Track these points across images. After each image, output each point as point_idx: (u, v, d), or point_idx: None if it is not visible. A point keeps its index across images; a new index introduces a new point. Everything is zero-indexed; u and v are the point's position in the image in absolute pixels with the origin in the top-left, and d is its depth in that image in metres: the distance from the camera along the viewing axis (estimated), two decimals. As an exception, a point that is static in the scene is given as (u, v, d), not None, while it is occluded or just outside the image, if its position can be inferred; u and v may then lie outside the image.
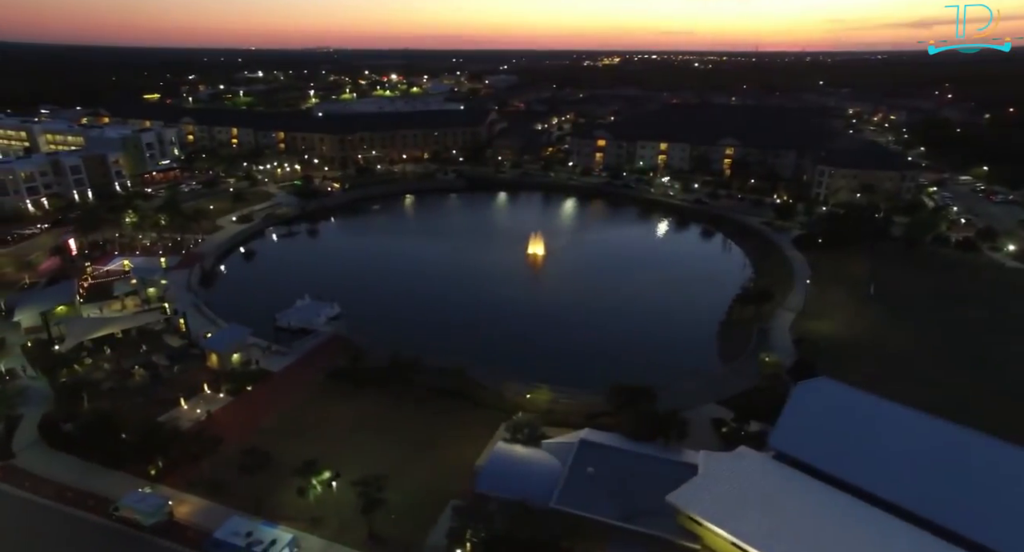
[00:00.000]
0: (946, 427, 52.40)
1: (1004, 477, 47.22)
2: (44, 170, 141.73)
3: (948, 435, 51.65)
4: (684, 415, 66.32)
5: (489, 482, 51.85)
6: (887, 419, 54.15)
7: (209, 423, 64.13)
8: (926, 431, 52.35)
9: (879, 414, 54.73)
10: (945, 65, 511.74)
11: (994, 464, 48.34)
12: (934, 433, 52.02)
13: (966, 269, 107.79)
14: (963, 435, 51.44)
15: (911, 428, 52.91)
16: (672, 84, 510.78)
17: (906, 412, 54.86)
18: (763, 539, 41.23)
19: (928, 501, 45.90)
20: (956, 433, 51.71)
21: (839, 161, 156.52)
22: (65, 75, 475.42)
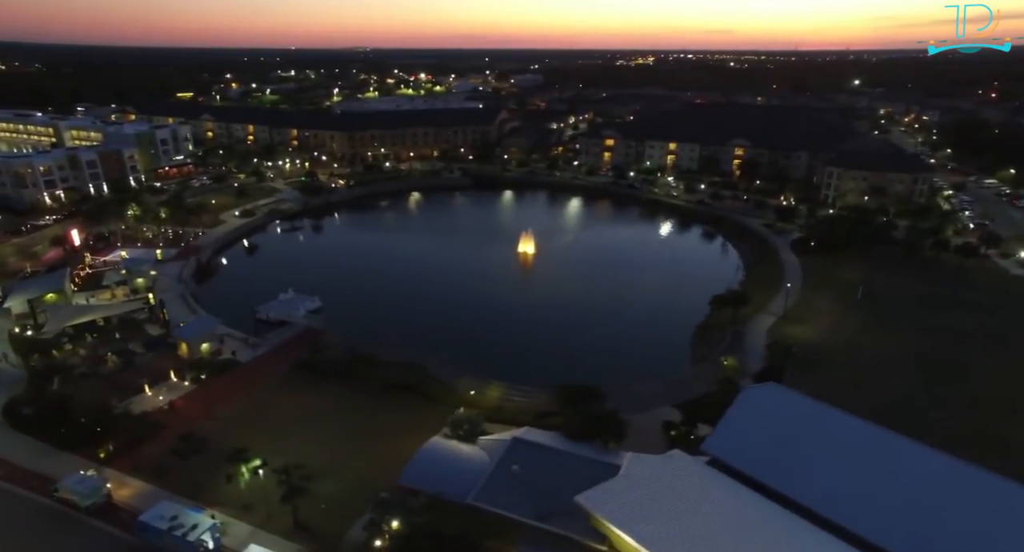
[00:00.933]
0: (887, 438, 50.67)
1: (937, 491, 45.40)
2: (61, 164, 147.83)
3: (887, 445, 49.96)
4: (633, 417, 65.95)
5: (413, 476, 52.23)
6: (828, 428, 52.60)
7: (165, 410, 66.04)
8: (865, 441, 50.71)
9: (820, 422, 53.19)
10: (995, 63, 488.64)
11: (928, 477, 46.57)
12: (873, 443, 50.36)
13: (966, 276, 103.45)
14: (903, 446, 49.68)
15: (850, 438, 51.30)
16: (699, 84, 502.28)
17: (850, 421, 53.14)
18: (662, 543, 40.49)
19: (854, 512, 44.45)
20: (895, 444, 49.97)
21: (848, 162, 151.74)
22: (108, 75, 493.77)
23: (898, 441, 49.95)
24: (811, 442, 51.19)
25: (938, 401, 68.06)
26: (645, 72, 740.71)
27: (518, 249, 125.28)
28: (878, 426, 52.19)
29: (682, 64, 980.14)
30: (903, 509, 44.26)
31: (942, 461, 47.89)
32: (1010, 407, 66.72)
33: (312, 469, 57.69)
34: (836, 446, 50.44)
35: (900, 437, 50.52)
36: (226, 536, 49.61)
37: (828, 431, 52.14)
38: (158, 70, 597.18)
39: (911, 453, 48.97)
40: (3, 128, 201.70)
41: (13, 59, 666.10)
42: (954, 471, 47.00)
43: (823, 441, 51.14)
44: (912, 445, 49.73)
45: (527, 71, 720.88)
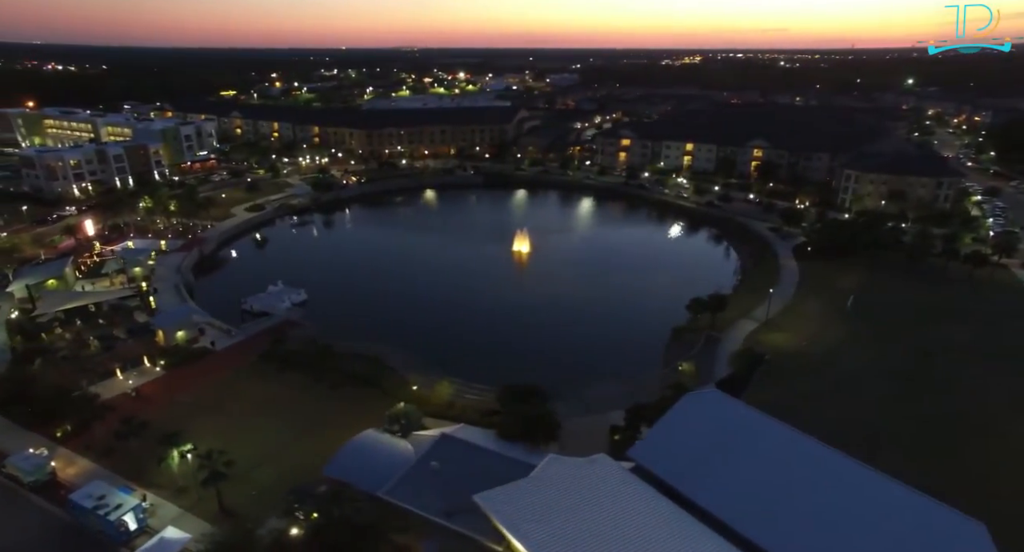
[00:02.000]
0: (817, 452, 48.59)
1: (852, 508, 43.23)
2: (90, 158, 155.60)
3: (814, 460, 47.91)
4: (584, 419, 65.54)
5: (337, 467, 52.90)
6: (758, 438, 50.75)
7: (130, 394, 68.81)
8: (792, 454, 48.77)
9: (752, 432, 51.35)
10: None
11: (847, 493, 44.41)
12: (800, 457, 48.39)
13: (973, 286, 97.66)
14: (830, 461, 47.56)
15: (778, 450, 49.38)
16: (739, 84, 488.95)
17: (784, 432, 51.24)
18: (545, 545, 39.81)
19: (762, 526, 42.74)
20: (822, 458, 47.89)
21: (865, 165, 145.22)
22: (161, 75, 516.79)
23: (827, 456, 48.04)
24: (737, 452, 49.47)
25: (906, 417, 64.54)
26: (688, 72, 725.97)
27: (513, 248, 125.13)
28: (811, 439, 50.15)
29: (729, 64, 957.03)
30: (813, 525, 42.45)
31: (865, 477, 45.80)
32: (981, 426, 62.71)
33: (253, 456, 59.91)
34: (761, 458, 48.65)
35: (831, 451, 48.54)
36: (154, 517, 51.43)
37: (757, 442, 50.32)
38: (209, 70, 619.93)
39: (836, 468, 46.99)
40: (51, 124, 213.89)
41: (82, 62, 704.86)
42: (875, 487, 44.87)
43: (749, 452, 49.37)
44: (840, 460, 47.80)
45: (566, 71, 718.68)
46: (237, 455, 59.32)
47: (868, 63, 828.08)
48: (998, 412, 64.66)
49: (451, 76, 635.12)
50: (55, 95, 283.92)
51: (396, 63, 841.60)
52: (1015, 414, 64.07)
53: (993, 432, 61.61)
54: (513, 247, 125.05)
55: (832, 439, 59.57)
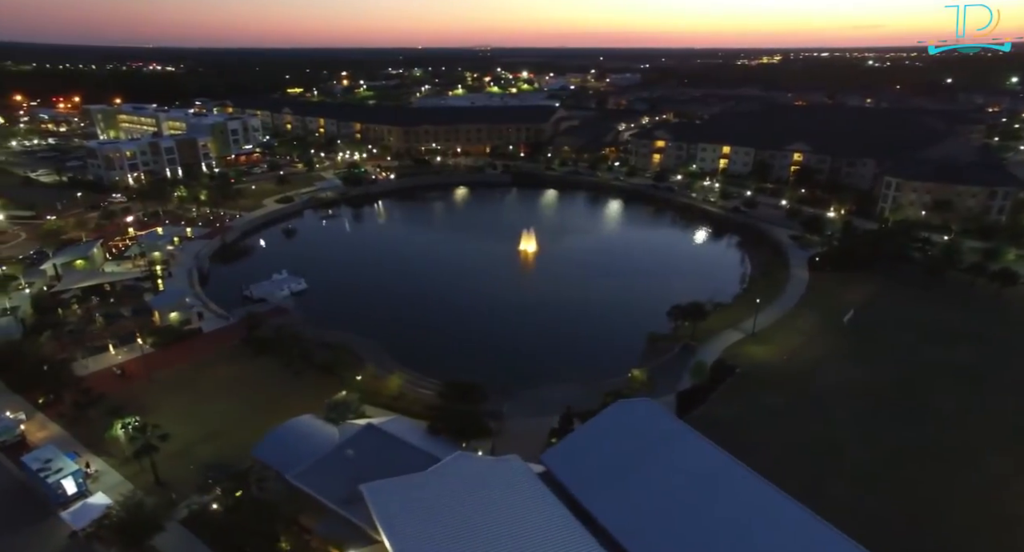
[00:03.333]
0: (731, 471, 46.46)
1: (748, 533, 41.01)
2: (144, 150, 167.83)
3: (726, 479, 45.82)
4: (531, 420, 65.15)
5: (263, 448, 55.07)
6: (674, 452, 49.13)
7: (114, 368, 74.13)
8: (704, 472, 46.86)
9: (670, 448, 49.77)
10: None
11: (751, 517, 42.23)
12: (711, 475, 46.35)
13: (995, 306, 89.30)
14: (742, 482, 45.31)
15: (691, 466, 47.56)
16: (810, 84, 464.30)
17: (704, 448, 49.33)
18: (409, 541, 40.07)
19: (652, 545, 41.40)
20: (735, 478, 45.67)
21: (909, 172, 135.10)
22: (236, 74, 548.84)
23: (735, 475, 45.96)
24: (645, 466, 48.03)
25: (871, 441, 60.23)
26: (759, 72, 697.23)
27: (519, 247, 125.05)
28: (726, 456, 48.26)
29: (811, 63, 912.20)
30: (697, 546, 40.59)
31: (768, 499, 43.38)
32: (949, 458, 57.59)
33: (202, 432, 63.50)
34: (666, 473, 47.04)
35: (742, 471, 46.35)
36: (96, 483, 55.46)
37: (669, 456, 48.72)
38: (285, 68, 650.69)
39: (739, 489, 44.85)
40: (124, 119, 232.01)
41: (178, 62, 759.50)
42: (773, 511, 42.46)
43: (657, 466, 47.85)
44: (748, 481, 45.48)
45: (633, 70, 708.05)
46: (188, 431, 63.49)
47: (968, 60, 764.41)
48: (975, 445, 59.19)
49: (512, 75, 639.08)
50: (144, 93, 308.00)
51: (464, 62, 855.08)
52: (992, 449, 58.45)
53: (961, 466, 56.50)
54: (519, 246, 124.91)
55: (784, 458, 57.29)
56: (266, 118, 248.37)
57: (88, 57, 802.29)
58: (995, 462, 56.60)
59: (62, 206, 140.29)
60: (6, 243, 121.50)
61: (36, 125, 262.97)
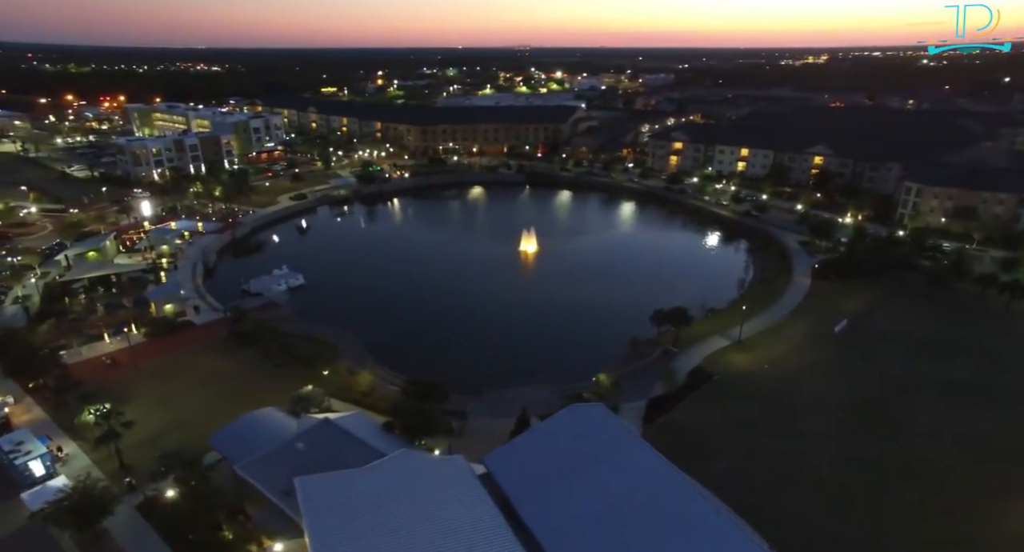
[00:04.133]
0: (671, 482, 45.42)
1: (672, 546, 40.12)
2: (169, 147, 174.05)
3: (663, 491, 44.78)
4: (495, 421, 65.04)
5: (220, 438, 56.50)
6: (616, 460, 48.18)
7: (104, 357, 77.18)
8: (641, 483, 45.94)
9: (613, 456, 48.74)
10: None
11: (678, 532, 41.24)
12: (650, 486, 45.33)
13: (1002, 319, 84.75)
14: (679, 495, 44.26)
15: (629, 477, 46.60)
16: (852, 85, 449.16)
17: (648, 458, 48.30)
18: (322, 538, 40.54)
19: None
20: (673, 490, 44.66)
21: (931, 177, 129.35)
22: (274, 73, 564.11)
23: (674, 487, 44.90)
24: (584, 472, 47.34)
25: (837, 457, 58.07)
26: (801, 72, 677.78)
27: (519, 248, 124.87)
28: (670, 467, 47.10)
29: (860, 62, 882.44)
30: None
31: (699, 513, 42.23)
32: (920, 474, 55.04)
33: (173, 421, 65.54)
34: (604, 481, 46.23)
35: (683, 484, 45.37)
36: (65, 466, 57.87)
37: (611, 464, 47.83)
38: (321, 68, 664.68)
39: (677, 501, 43.70)
40: (158, 117, 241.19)
41: (216, 62, 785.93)
42: (705, 527, 41.31)
43: (596, 473, 47.05)
44: (687, 494, 44.38)
45: (671, 70, 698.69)
46: (161, 418, 65.70)
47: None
48: (951, 463, 56.43)
49: (546, 75, 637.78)
50: (185, 92, 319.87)
51: (501, 62, 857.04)
52: (963, 468, 55.57)
53: (929, 484, 53.91)
54: (519, 247, 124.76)
55: (744, 469, 55.85)
56: (292, 117, 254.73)
57: (145, 59, 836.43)
58: (964, 482, 53.80)
59: (88, 200, 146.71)
60: (33, 234, 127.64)
61: (81, 123, 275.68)
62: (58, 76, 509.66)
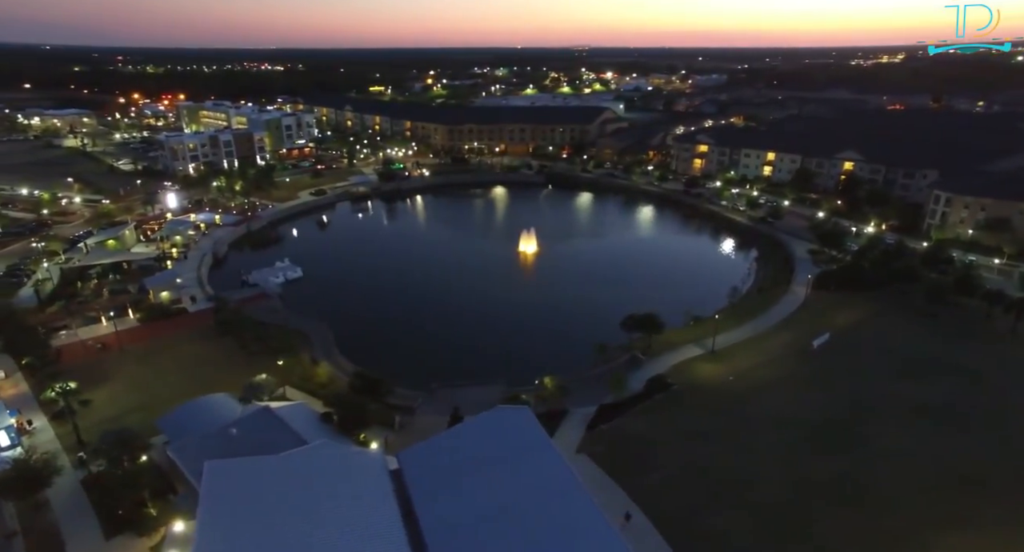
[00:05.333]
0: (566, 490, 44.76)
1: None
2: (204, 143, 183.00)
3: (556, 498, 44.15)
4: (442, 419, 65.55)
5: (167, 420, 59.42)
6: (520, 466, 47.92)
7: (96, 338, 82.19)
8: (536, 489, 45.52)
9: (521, 460, 48.58)
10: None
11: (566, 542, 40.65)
12: (544, 493, 45.01)
13: (1005, 340, 78.45)
14: (571, 501, 43.56)
15: (529, 482, 46.32)
16: (918, 85, 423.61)
17: (553, 465, 47.72)
18: (209, 522, 41.90)
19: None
20: (567, 498, 43.96)
21: (962, 185, 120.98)
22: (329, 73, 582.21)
23: (570, 494, 44.27)
24: (486, 474, 47.32)
25: (779, 475, 55.42)
26: (873, 72, 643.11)
27: (519, 248, 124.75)
28: (572, 475, 46.60)
29: (940, 61, 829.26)
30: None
31: (591, 523, 41.62)
32: (855, 499, 51.93)
33: (140, 402, 69.10)
34: (503, 484, 46.09)
35: (579, 493, 44.47)
36: (31, 438, 62.08)
37: (515, 467, 47.69)
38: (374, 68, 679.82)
39: (566, 509, 43.16)
40: (204, 114, 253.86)
41: (280, 62, 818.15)
42: (589, 536, 40.51)
43: (498, 476, 46.98)
44: (580, 503, 43.59)
45: (729, 71, 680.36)
46: (130, 399, 69.50)
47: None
48: (901, 489, 52.90)
49: (596, 75, 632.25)
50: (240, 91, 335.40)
51: (555, 62, 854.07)
52: (917, 494, 52.10)
53: (876, 508, 50.83)
54: (519, 247, 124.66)
55: (676, 482, 54.36)
56: (330, 115, 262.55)
57: (217, 60, 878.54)
58: (908, 509, 50.39)
59: (124, 192, 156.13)
60: (70, 222, 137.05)
61: (140, 120, 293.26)
62: (135, 77, 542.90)
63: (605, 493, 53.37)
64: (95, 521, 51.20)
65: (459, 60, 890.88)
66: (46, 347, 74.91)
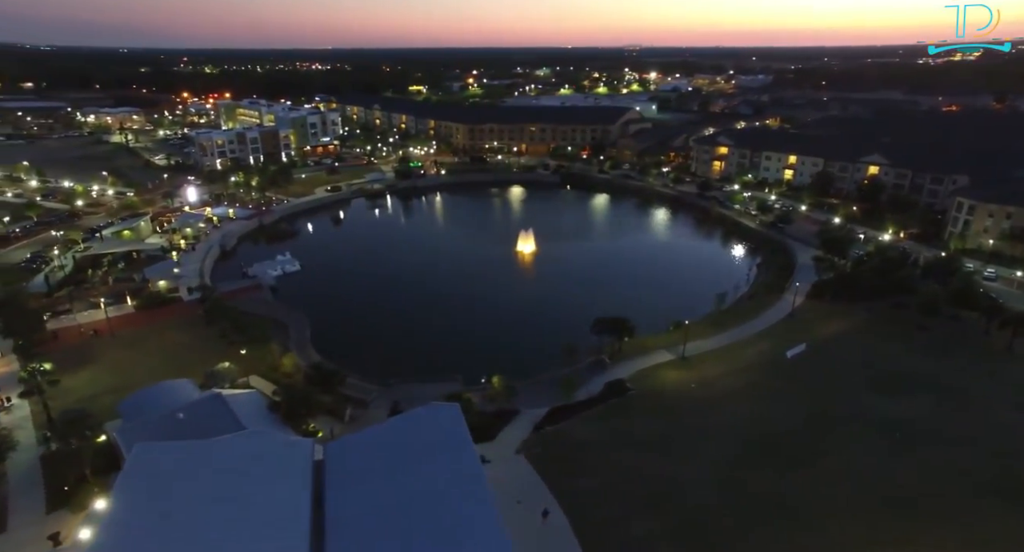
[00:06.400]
0: (470, 494, 44.59)
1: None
2: (232, 139, 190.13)
3: (451, 501, 44.11)
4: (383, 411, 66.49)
5: (127, 403, 62.06)
6: (433, 464, 47.91)
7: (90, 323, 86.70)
8: (443, 488, 45.33)
9: (435, 458, 48.54)
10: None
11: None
12: (447, 493, 44.77)
13: (999, 357, 73.39)
14: (471, 509, 43.45)
15: (435, 481, 46.20)
16: (984, 84, 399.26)
17: (467, 465, 47.56)
18: (118, 506, 43.71)
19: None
20: (466, 505, 43.81)
21: (986, 193, 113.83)
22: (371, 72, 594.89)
23: (472, 497, 44.06)
24: (399, 470, 47.63)
25: (713, 489, 53.60)
26: (946, 70, 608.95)
27: (516, 249, 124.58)
28: (480, 475, 46.11)
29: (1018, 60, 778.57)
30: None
31: (484, 527, 41.27)
32: (797, 515, 49.73)
33: (117, 384, 72.29)
34: (411, 480, 46.28)
35: (482, 496, 44.18)
36: (8, 414, 66.09)
37: (428, 464, 47.72)
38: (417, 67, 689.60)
39: (462, 512, 42.85)
40: (240, 112, 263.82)
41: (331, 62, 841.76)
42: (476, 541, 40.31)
43: (410, 472, 47.16)
44: (479, 506, 43.27)
45: (781, 70, 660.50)
46: (109, 381, 72.96)
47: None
48: (841, 507, 50.40)
49: (640, 75, 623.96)
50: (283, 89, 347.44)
51: (603, 62, 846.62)
52: (854, 512, 49.57)
53: (811, 525, 48.70)
54: (516, 247, 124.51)
55: (606, 490, 53.67)
56: (360, 113, 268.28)
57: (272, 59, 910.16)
58: (842, 528, 47.96)
59: (152, 185, 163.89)
60: (99, 214, 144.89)
61: (184, 117, 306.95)
62: (191, 76, 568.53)
63: (532, 495, 53.07)
64: (43, 495, 54.08)
65: (505, 60, 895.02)
66: (41, 330, 79.44)
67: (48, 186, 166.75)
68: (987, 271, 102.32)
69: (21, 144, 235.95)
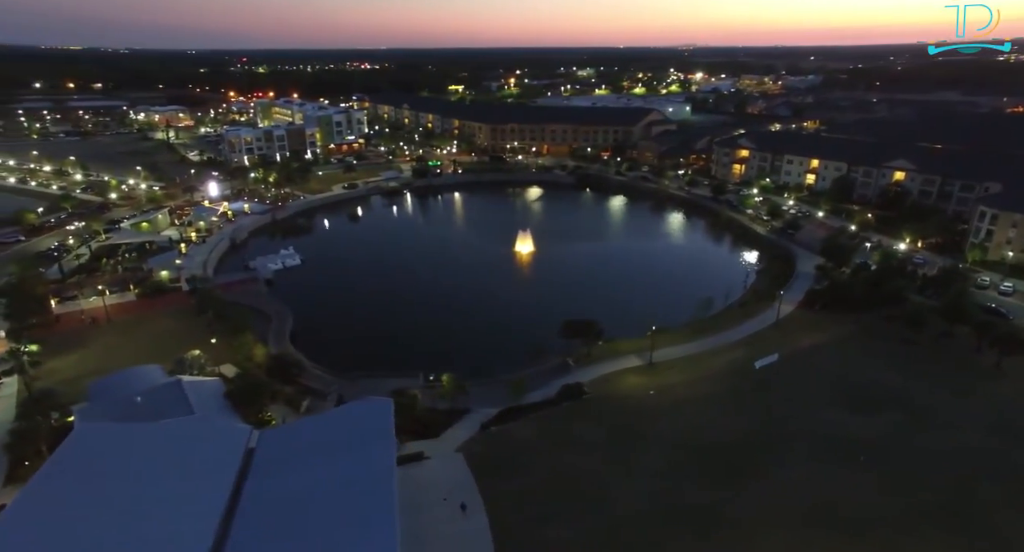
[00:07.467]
0: (375, 490, 45.22)
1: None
2: (259, 137, 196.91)
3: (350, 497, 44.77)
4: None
5: (98, 385, 65.44)
6: (350, 456, 48.73)
7: (90, 308, 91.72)
8: (347, 480, 46.12)
9: (352, 449, 49.41)
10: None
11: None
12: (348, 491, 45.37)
13: (986, 378, 68.77)
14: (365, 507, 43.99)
15: (343, 475, 46.96)
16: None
17: (376, 459, 48.21)
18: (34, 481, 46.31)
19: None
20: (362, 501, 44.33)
21: (1011, 201, 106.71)
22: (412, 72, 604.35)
23: (377, 492, 44.55)
24: (316, 461, 48.76)
25: (646, 500, 52.51)
26: (1013, 69, 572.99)
27: (515, 249, 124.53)
28: (390, 471, 46.60)
29: None
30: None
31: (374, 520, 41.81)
32: (728, 530, 48.26)
33: (104, 367, 75.98)
34: (323, 471, 47.29)
35: (385, 493, 44.59)
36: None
37: (345, 456, 48.62)
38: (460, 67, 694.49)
39: (361, 503, 43.46)
40: (276, 110, 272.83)
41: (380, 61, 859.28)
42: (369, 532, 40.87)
43: (326, 463, 48.22)
44: (378, 501, 43.76)
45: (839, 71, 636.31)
46: (95, 364, 76.90)
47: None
48: (771, 523, 48.58)
49: (686, 76, 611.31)
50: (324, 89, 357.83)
51: (652, 62, 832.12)
52: (783, 529, 47.67)
53: (735, 542, 47.26)
54: (514, 248, 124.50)
55: (531, 495, 53.35)
56: (390, 113, 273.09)
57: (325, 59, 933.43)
58: (767, 544, 46.22)
59: (180, 180, 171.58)
60: (129, 206, 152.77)
61: (227, 115, 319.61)
62: (244, 76, 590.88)
63: (460, 494, 53.20)
64: (4, 470, 57.60)
65: (552, 59, 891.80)
66: (46, 314, 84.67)
67: (90, 179, 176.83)
68: (1003, 285, 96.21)
69: (76, 140, 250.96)
